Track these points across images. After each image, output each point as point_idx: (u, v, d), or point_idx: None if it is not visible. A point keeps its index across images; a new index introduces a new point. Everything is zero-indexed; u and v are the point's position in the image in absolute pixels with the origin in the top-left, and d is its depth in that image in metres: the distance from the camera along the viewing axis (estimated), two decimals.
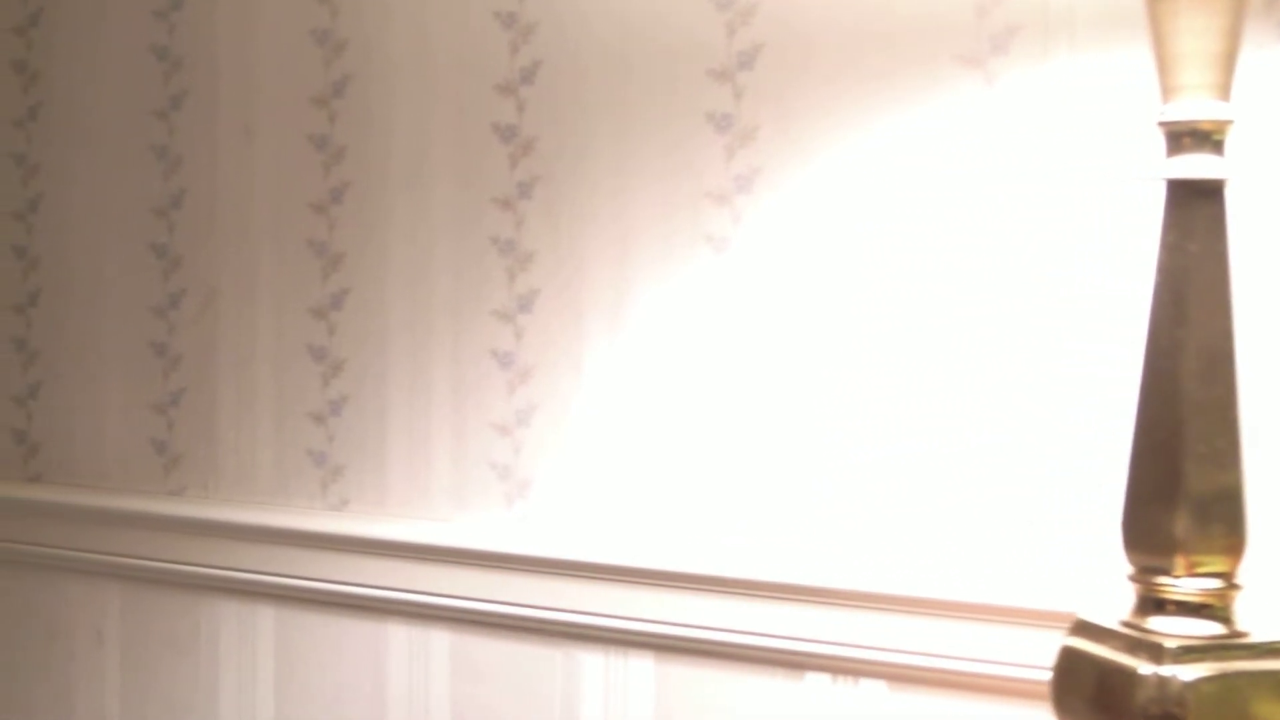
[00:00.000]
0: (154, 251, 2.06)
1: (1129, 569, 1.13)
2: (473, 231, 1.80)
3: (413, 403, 1.84)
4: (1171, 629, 1.08)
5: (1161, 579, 1.09)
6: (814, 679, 1.58)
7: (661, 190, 1.68)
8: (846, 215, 1.55)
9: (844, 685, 1.56)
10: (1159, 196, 1.12)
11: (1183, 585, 1.08)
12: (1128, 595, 1.13)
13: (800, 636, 1.56)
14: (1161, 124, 1.11)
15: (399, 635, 1.86)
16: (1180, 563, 1.08)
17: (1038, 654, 1.28)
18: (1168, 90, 1.10)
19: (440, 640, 1.83)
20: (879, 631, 1.51)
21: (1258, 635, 1.09)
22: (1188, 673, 1.04)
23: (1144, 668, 1.05)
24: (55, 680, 2.18)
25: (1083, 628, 1.15)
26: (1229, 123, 1.09)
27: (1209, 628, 1.08)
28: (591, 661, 1.72)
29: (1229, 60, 1.08)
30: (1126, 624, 1.11)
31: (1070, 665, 1.14)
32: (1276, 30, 1.33)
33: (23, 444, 2.16)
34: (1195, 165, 1.09)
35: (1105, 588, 1.27)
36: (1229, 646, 1.07)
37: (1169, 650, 1.05)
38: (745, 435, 1.62)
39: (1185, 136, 1.09)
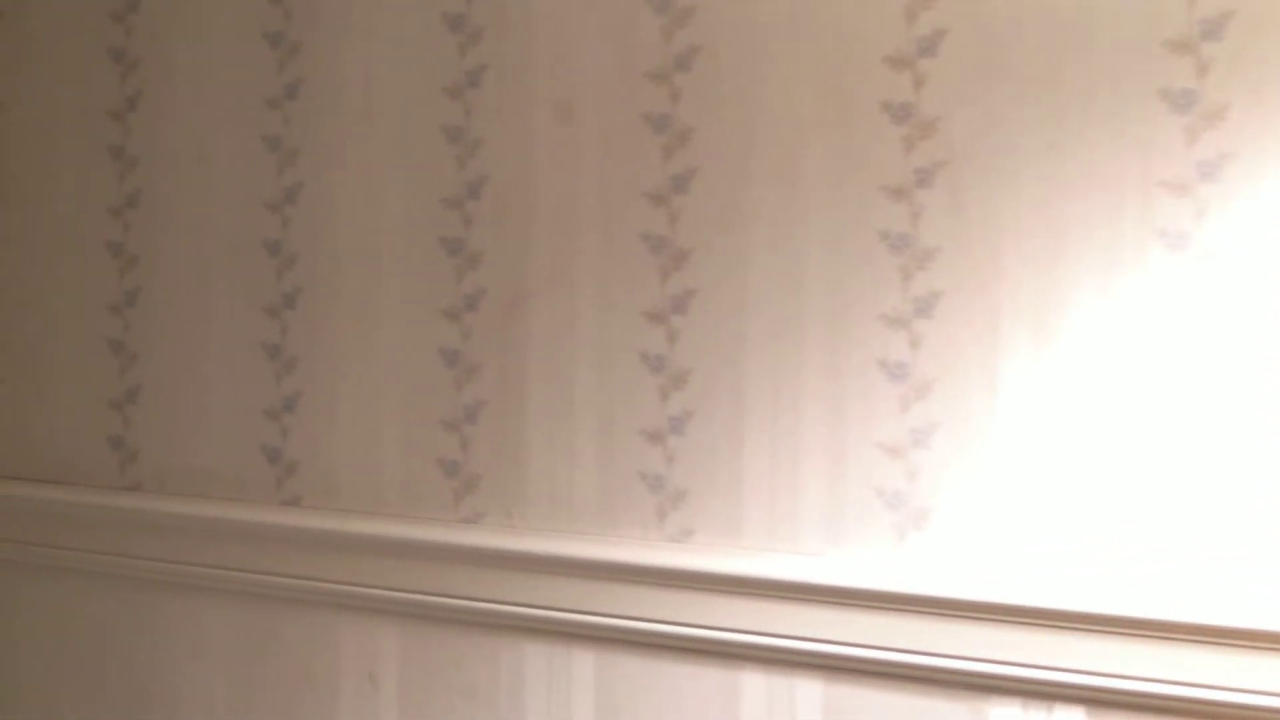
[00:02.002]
0: (448, 246, 1.82)
1: None
2: (856, 224, 1.57)
3: (777, 420, 1.61)
4: None
5: None
6: None
7: (1103, 178, 1.46)
8: None
9: None
10: None
11: None
12: None
13: None
14: None
15: (755, 684, 1.63)
16: None
17: None
18: None
19: (809, 691, 1.60)
20: None
21: None
22: None
23: None
24: None
25: None
26: None
27: None
28: (1006, 718, 1.50)
29: None
30: None
31: None
32: None
33: (277, 463, 1.92)
34: None
35: None
36: None
37: None
38: (1204, 465, 1.41)
39: None
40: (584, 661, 1.73)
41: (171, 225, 1.99)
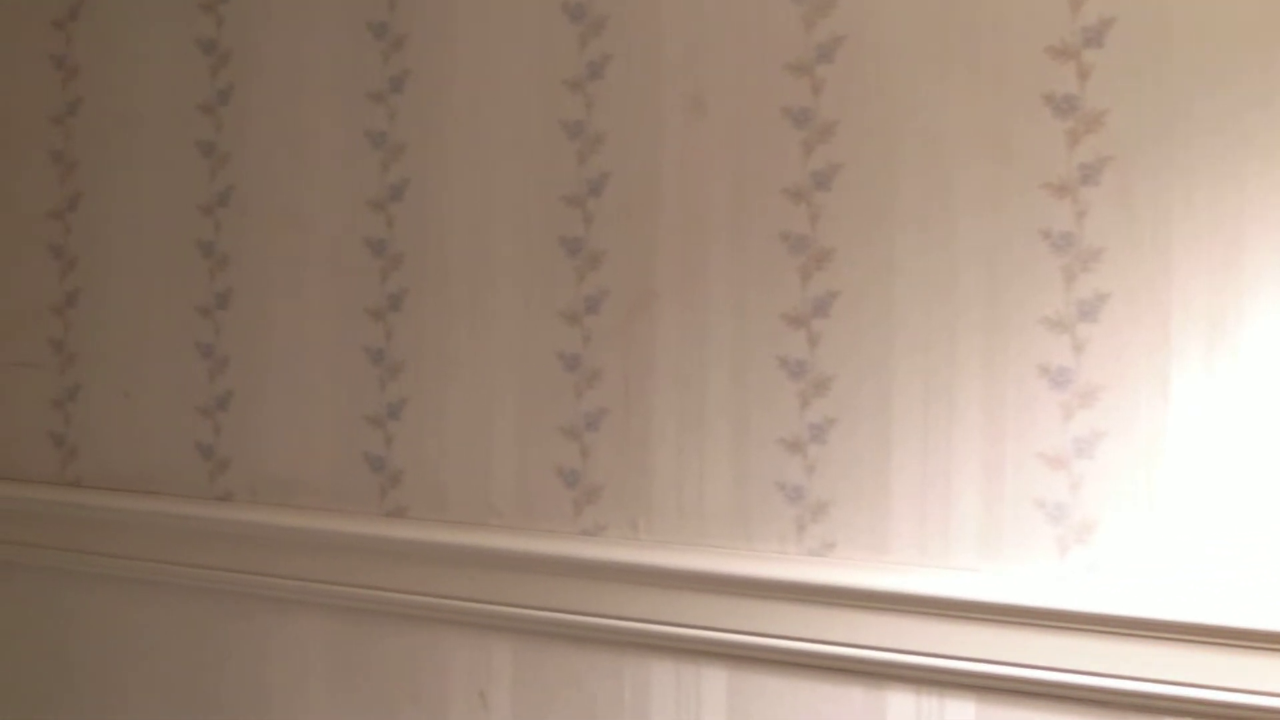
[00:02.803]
0: (567, 246, 1.74)
1: None
2: (1015, 223, 1.49)
3: (927, 428, 1.54)
4: None
5: None
6: None
7: None
8: None
9: None
10: None
11: None
12: None
13: None
14: None
15: (902, 705, 1.55)
16: None
17: None
18: None
19: (960, 712, 1.52)
20: None
21: None
22: None
23: None
24: None
25: None
26: None
27: None
28: None
29: None
30: None
31: None
32: None
33: (381, 471, 1.84)
34: None
35: None
36: None
37: None
38: None
39: None
40: (715, 680, 1.65)
41: (266, 224, 1.91)
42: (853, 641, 1.57)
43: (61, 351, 2.07)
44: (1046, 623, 1.47)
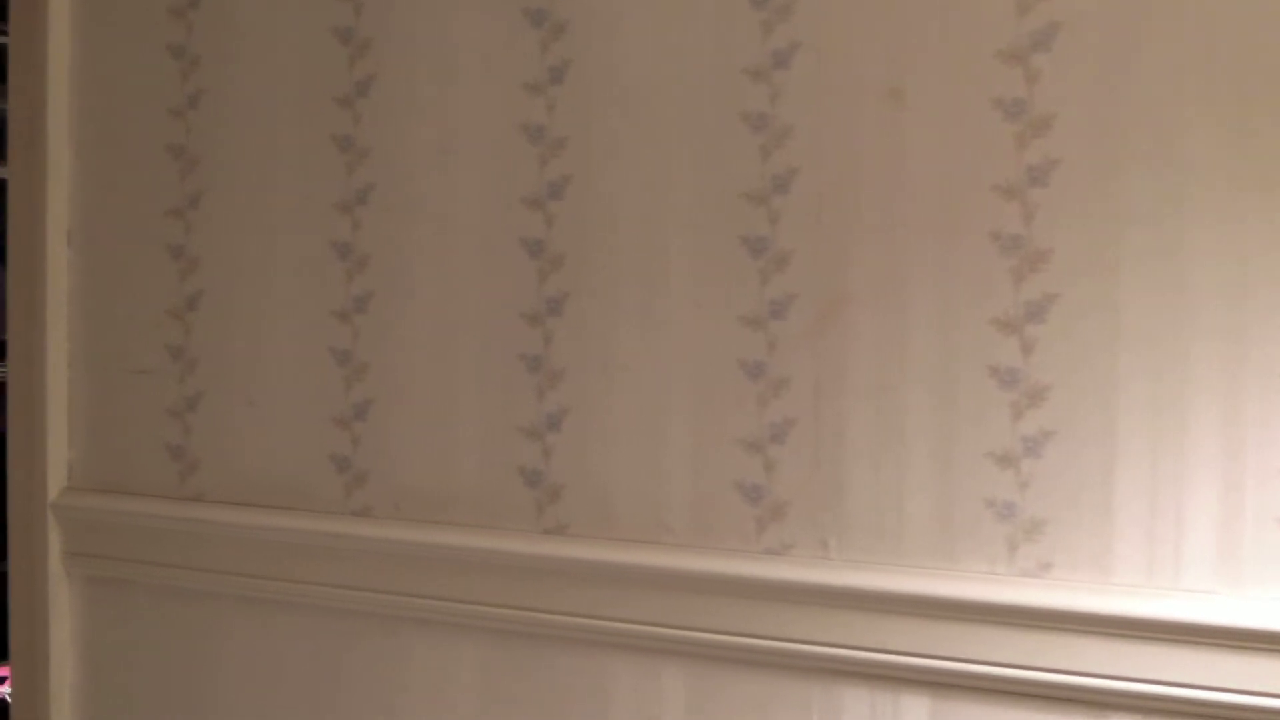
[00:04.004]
0: (750, 246, 1.64)
1: None
2: (1256, 218, 1.40)
3: (1157, 441, 1.43)
4: None
5: None
6: None
7: None
8: None
9: None
10: None
11: None
12: None
13: None
14: None
15: None
16: None
17: None
18: None
19: None
20: None
21: None
22: None
23: None
24: None
25: None
26: None
27: None
28: None
29: None
30: None
31: None
32: None
33: (538, 487, 1.73)
34: None
35: None
36: None
37: None
38: None
39: None
40: (916, 708, 1.55)
41: (410, 223, 1.80)
42: (1072, 668, 1.47)
43: (181, 358, 1.96)
44: None
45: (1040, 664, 1.48)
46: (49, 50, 1.98)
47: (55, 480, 2.02)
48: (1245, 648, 1.40)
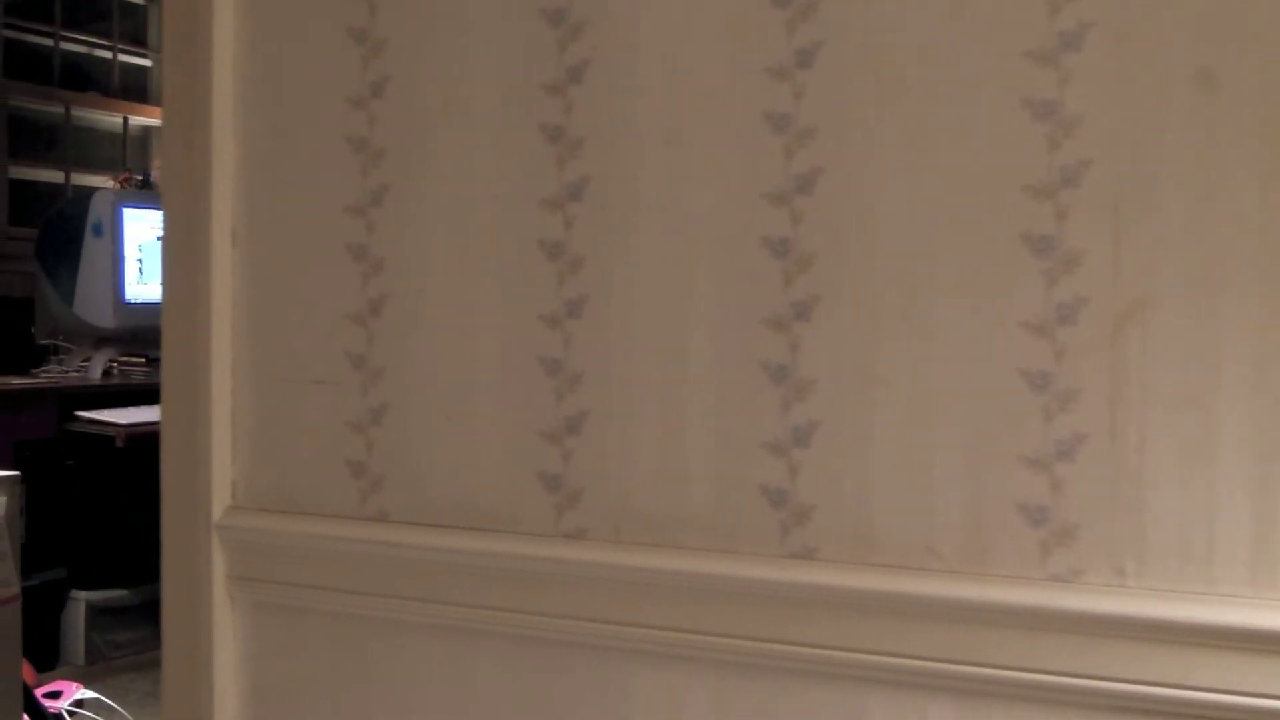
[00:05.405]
0: (1031, 245, 1.50)
1: None
2: None
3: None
4: None
5: None
6: None
7: None
8: None
9: None
10: None
11: None
12: None
13: None
14: None
15: None
16: None
17: None
18: None
19: None
20: None
21: None
22: None
23: None
24: None
25: None
26: None
27: None
28: None
29: None
30: None
31: None
32: None
33: (782, 508, 1.59)
34: None
35: None
36: None
37: None
38: None
39: None
40: None
41: (628, 220, 1.66)
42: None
43: (363, 367, 1.81)
44: None
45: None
46: (214, 32, 1.83)
47: (219, 499, 1.87)
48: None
